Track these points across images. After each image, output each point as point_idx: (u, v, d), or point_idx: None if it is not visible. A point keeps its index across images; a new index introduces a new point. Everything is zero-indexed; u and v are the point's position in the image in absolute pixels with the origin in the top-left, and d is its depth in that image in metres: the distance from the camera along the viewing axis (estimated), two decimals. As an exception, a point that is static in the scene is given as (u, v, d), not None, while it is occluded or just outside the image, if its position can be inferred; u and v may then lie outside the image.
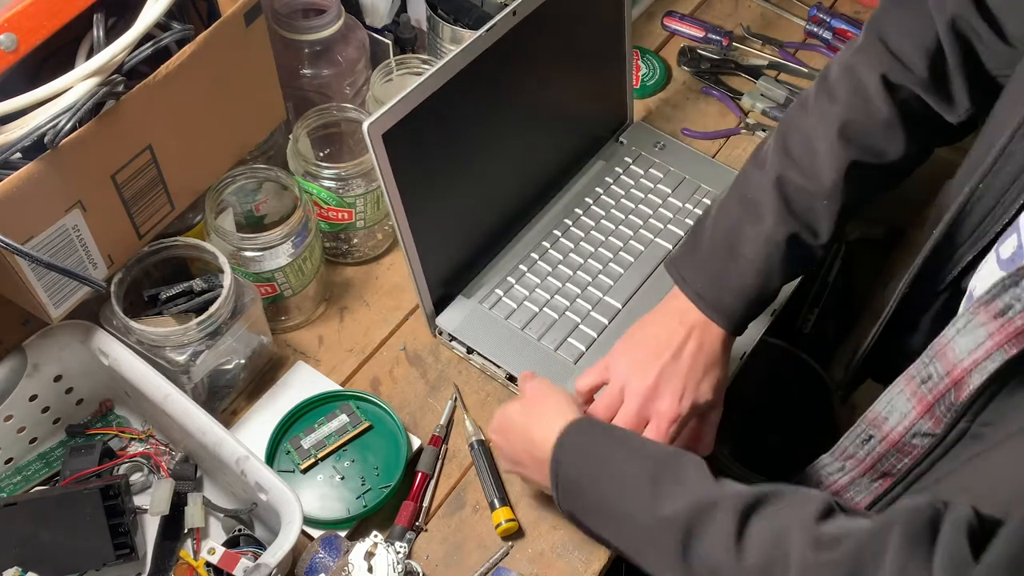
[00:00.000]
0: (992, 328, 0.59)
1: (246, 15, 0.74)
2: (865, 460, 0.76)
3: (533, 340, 0.88)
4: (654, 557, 0.64)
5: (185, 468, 0.79)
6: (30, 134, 0.63)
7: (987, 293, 0.60)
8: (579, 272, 0.93)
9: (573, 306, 0.91)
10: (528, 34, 0.85)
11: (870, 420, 0.74)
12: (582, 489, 0.69)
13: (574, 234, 0.97)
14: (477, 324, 0.89)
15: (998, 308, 0.59)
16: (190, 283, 0.80)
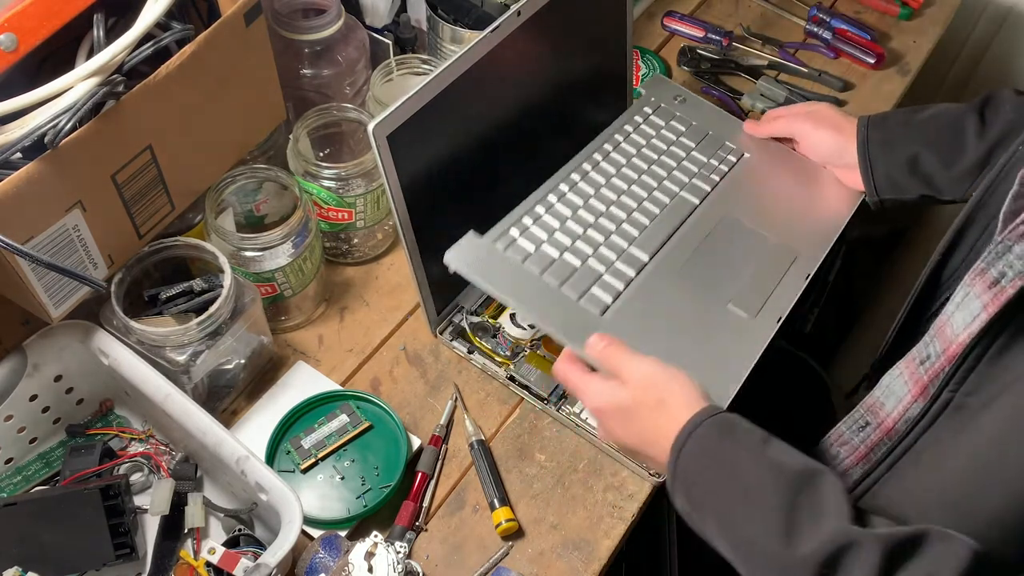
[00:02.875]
0: (986, 299, 0.59)
1: (246, 15, 0.74)
2: (859, 448, 0.76)
3: (554, 287, 0.81)
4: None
5: (185, 468, 0.79)
6: (30, 134, 0.63)
7: (982, 261, 0.60)
8: (601, 219, 0.88)
9: (596, 254, 0.85)
10: (531, 35, 0.85)
11: (868, 406, 0.74)
12: (703, 493, 0.66)
13: (595, 179, 0.92)
14: (489, 264, 0.81)
15: (992, 277, 0.59)
16: (190, 283, 0.80)
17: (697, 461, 0.65)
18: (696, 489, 0.66)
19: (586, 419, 0.84)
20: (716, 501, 0.64)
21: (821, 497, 0.60)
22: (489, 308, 0.92)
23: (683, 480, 0.66)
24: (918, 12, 1.27)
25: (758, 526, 0.60)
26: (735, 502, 0.63)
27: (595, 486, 0.82)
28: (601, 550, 0.78)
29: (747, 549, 0.62)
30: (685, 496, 0.66)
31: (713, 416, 0.66)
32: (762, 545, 0.60)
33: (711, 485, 0.65)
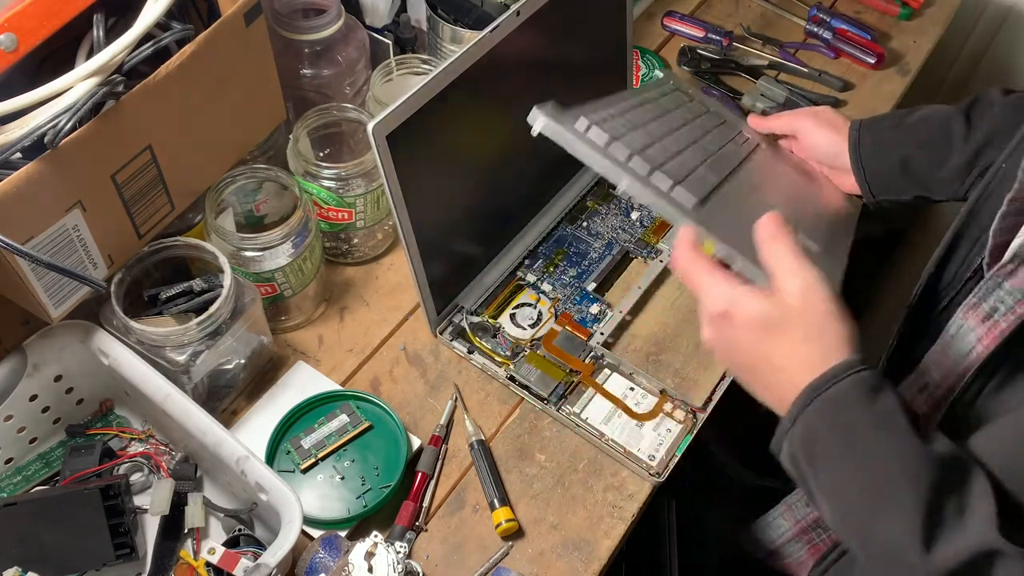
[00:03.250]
0: (981, 332, 0.59)
1: (246, 15, 0.74)
2: None
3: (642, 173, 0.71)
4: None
5: (185, 468, 0.79)
6: (30, 134, 0.63)
7: (973, 296, 0.60)
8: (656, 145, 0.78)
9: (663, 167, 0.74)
10: (530, 34, 0.85)
11: None
12: (823, 462, 0.56)
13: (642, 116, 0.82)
14: (575, 138, 0.73)
15: (984, 311, 0.59)
16: (190, 283, 0.80)
17: (825, 423, 0.55)
18: (817, 457, 0.56)
19: (586, 419, 0.84)
20: (838, 478, 0.55)
21: (969, 495, 0.52)
22: (489, 308, 0.92)
23: (800, 439, 0.56)
24: (918, 12, 1.27)
25: (890, 522, 0.52)
26: (864, 487, 0.54)
27: (595, 486, 0.82)
28: (601, 550, 0.78)
29: (868, 539, 0.54)
30: (798, 456, 0.57)
31: (858, 372, 0.55)
32: (890, 542, 0.52)
33: (836, 459, 0.55)
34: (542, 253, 0.98)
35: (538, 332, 0.91)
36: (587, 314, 0.93)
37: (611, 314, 0.92)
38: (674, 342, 0.91)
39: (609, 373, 0.88)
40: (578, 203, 1.02)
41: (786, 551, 0.91)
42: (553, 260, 0.97)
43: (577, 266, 0.97)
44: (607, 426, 0.84)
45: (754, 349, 0.59)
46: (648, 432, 0.84)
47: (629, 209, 1.02)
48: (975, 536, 0.50)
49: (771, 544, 0.92)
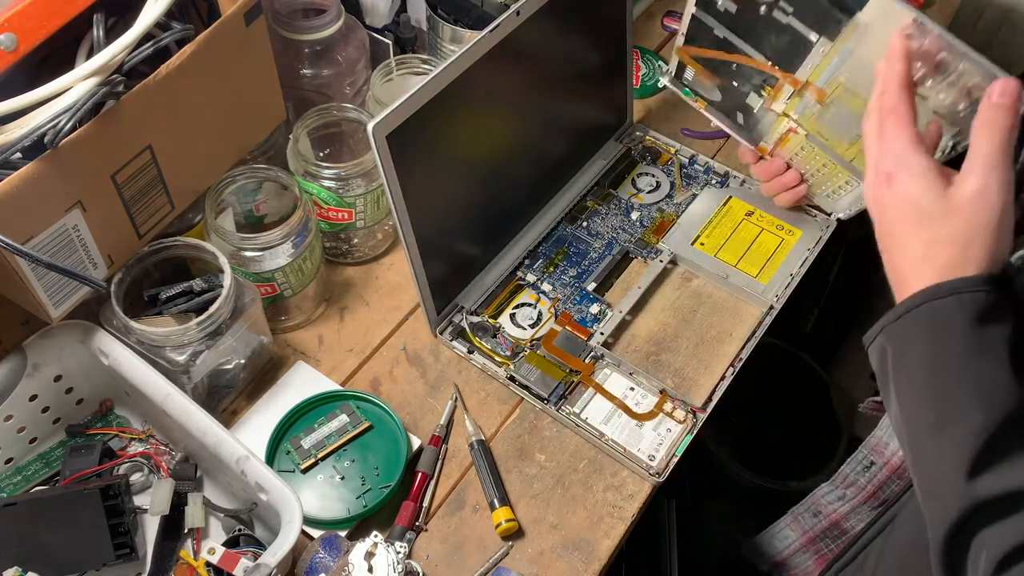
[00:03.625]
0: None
1: (246, 15, 0.74)
2: (867, 487, 0.75)
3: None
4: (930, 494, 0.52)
5: (185, 468, 0.79)
6: (30, 134, 0.63)
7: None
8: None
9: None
10: (530, 34, 0.85)
11: (872, 446, 0.73)
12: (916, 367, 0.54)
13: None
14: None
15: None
16: (190, 283, 0.80)
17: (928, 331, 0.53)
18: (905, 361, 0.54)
19: (586, 419, 0.84)
20: (919, 387, 0.53)
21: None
22: (489, 308, 0.92)
23: (899, 336, 0.54)
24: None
25: (949, 440, 0.50)
26: (939, 401, 0.52)
27: (595, 486, 0.82)
28: (601, 550, 0.78)
29: (923, 453, 0.53)
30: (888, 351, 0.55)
31: (980, 292, 0.52)
32: (940, 460, 0.51)
33: (923, 368, 0.53)
34: (542, 253, 0.98)
35: (538, 332, 0.91)
36: (587, 314, 0.93)
37: (611, 314, 0.92)
38: (674, 342, 0.91)
39: (609, 373, 0.88)
40: (578, 203, 1.02)
41: (792, 562, 0.90)
42: (553, 260, 0.97)
43: (577, 266, 0.97)
44: (607, 426, 0.84)
45: (898, 226, 0.56)
46: (648, 432, 0.84)
47: (629, 209, 1.02)
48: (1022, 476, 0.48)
49: (777, 556, 0.92)
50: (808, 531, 0.87)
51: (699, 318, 0.93)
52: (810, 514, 0.86)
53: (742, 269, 0.95)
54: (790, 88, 0.84)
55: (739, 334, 0.92)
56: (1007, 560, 0.47)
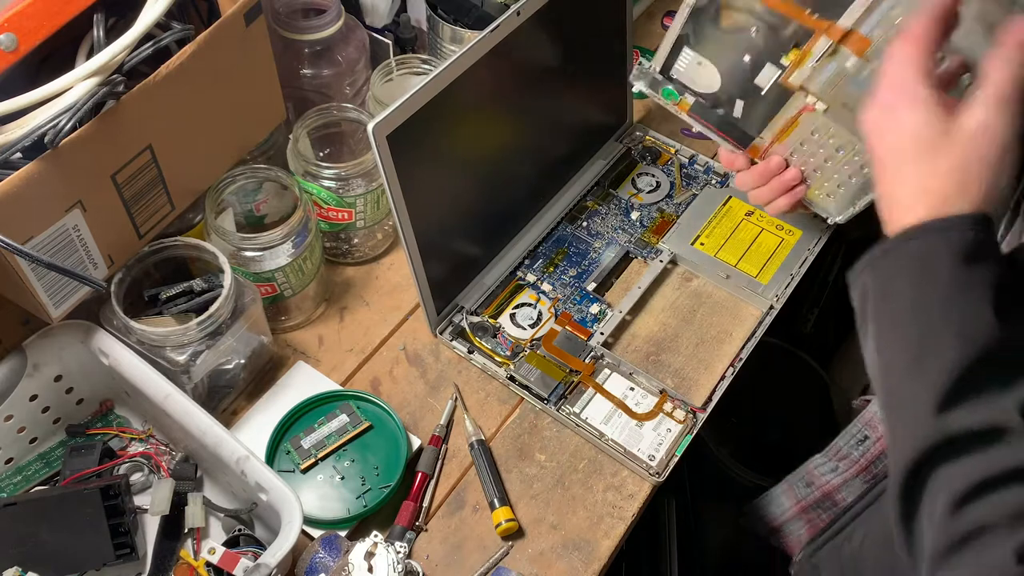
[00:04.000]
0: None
1: (246, 15, 0.74)
2: (859, 461, 0.76)
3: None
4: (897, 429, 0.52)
5: (185, 468, 0.79)
6: (30, 134, 0.63)
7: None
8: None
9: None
10: (530, 34, 0.85)
11: (866, 420, 0.74)
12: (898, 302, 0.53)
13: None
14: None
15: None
16: (190, 283, 0.80)
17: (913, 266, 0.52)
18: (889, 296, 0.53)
19: (586, 419, 0.84)
20: (900, 323, 0.52)
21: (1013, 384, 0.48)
22: (489, 308, 0.92)
23: (883, 272, 0.54)
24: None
25: (922, 374, 0.50)
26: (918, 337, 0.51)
27: (595, 486, 0.82)
28: (601, 550, 0.78)
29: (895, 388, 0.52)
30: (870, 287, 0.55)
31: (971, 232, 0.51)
32: (912, 395, 0.50)
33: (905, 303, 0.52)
34: (542, 253, 0.98)
35: (538, 332, 0.91)
36: (587, 314, 0.93)
37: (611, 314, 0.92)
38: (674, 342, 0.91)
39: (609, 373, 0.88)
40: (578, 203, 1.02)
41: (787, 529, 0.91)
42: (553, 260, 0.97)
43: (577, 266, 0.97)
44: (607, 426, 0.84)
45: (896, 157, 0.55)
46: (648, 432, 0.84)
47: (629, 209, 1.02)
48: (993, 412, 0.47)
49: (773, 521, 0.92)
50: (801, 500, 0.87)
51: (699, 318, 0.93)
52: (803, 484, 0.86)
53: (742, 269, 0.95)
54: (826, 43, 0.74)
55: (739, 334, 0.92)
56: (965, 498, 0.46)
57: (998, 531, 0.45)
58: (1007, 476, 0.46)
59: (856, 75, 0.74)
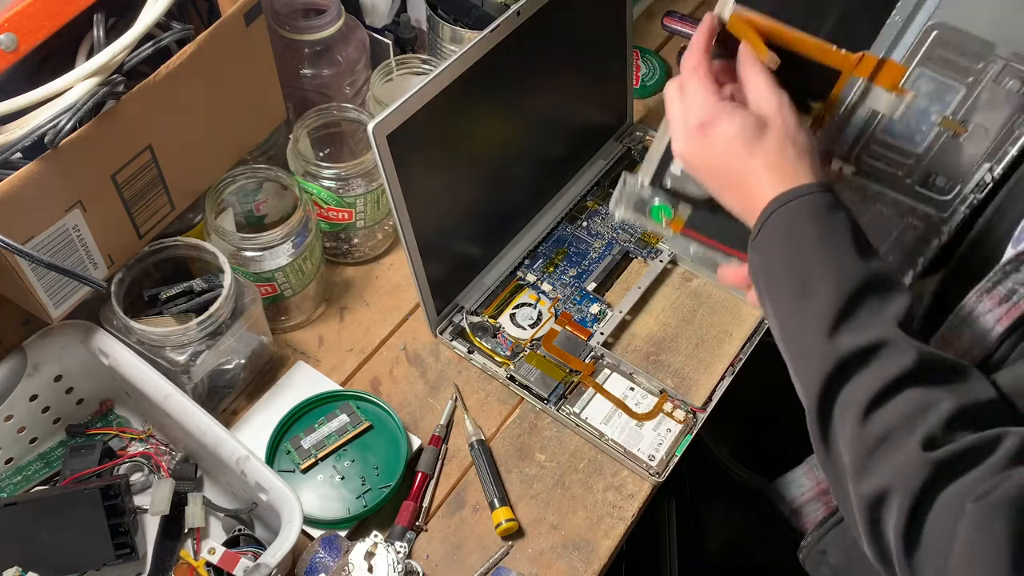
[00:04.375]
0: (999, 313, 0.59)
1: (246, 15, 0.74)
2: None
3: None
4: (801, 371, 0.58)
5: (185, 468, 0.79)
6: (30, 134, 0.63)
7: (987, 280, 0.60)
8: None
9: None
10: (530, 35, 0.85)
11: None
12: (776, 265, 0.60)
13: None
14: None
15: (1001, 294, 0.59)
16: (190, 283, 0.80)
17: (780, 234, 0.59)
18: (767, 265, 0.60)
19: (586, 419, 0.84)
20: (781, 282, 0.59)
21: (888, 301, 0.55)
22: (489, 308, 0.92)
23: (759, 248, 0.61)
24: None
25: (808, 313, 0.56)
26: (797, 288, 0.58)
27: (595, 486, 0.82)
28: (601, 550, 0.78)
29: (791, 335, 0.59)
30: (756, 264, 0.62)
31: (816, 193, 0.59)
32: (803, 332, 0.57)
33: (781, 264, 0.59)
34: (542, 253, 0.98)
35: (538, 332, 0.91)
36: (587, 314, 0.93)
37: (611, 314, 0.92)
38: (674, 342, 0.91)
39: (609, 373, 0.88)
40: (578, 203, 1.02)
41: (806, 510, 0.92)
42: (553, 260, 0.97)
43: (577, 266, 0.97)
44: (607, 426, 0.84)
45: (731, 159, 0.62)
46: (648, 432, 0.84)
47: (629, 209, 1.02)
48: (876, 330, 0.54)
49: (793, 502, 0.93)
50: (821, 482, 0.88)
51: (699, 318, 0.93)
52: (804, 482, 0.87)
53: (742, 269, 0.95)
54: (856, 83, 0.66)
55: (739, 334, 0.92)
56: (867, 410, 0.52)
57: (899, 431, 0.51)
58: (897, 382, 0.52)
59: (891, 118, 0.66)
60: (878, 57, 0.65)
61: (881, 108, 0.66)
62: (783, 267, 0.59)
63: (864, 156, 0.68)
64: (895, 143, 0.67)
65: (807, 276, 0.57)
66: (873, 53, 0.65)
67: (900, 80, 0.65)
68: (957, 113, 0.65)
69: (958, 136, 0.66)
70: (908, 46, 0.64)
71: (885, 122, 0.67)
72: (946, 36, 0.63)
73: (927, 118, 0.66)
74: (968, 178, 0.67)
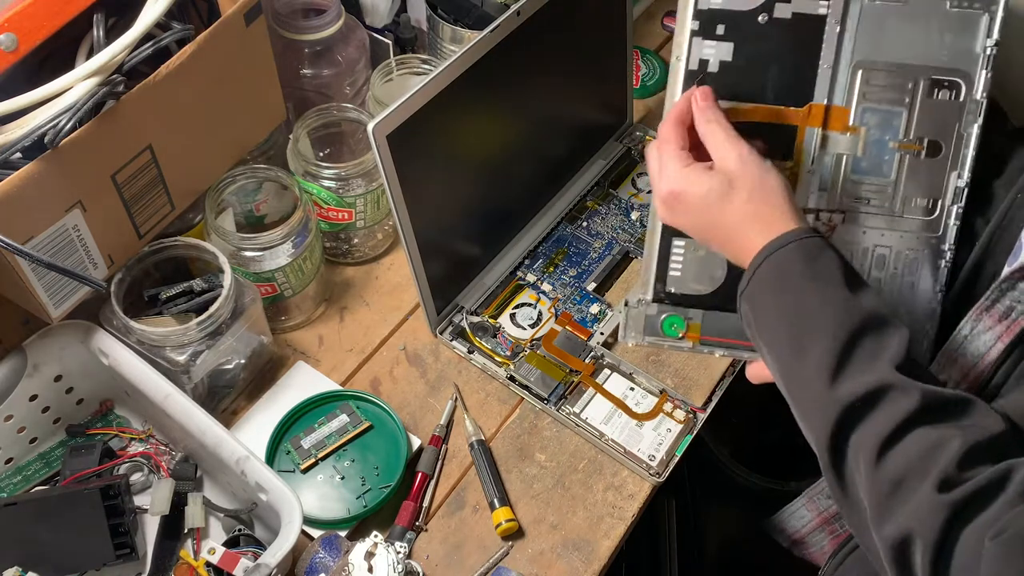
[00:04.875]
0: (1000, 330, 0.60)
1: (246, 15, 0.74)
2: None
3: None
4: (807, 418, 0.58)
5: (185, 468, 0.79)
6: (30, 134, 0.63)
7: (986, 299, 0.61)
8: None
9: None
10: (531, 35, 0.85)
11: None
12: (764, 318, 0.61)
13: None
14: None
15: (1000, 311, 0.60)
16: (190, 283, 0.80)
17: (770, 282, 0.60)
18: (760, 310, 0.61)
19: (586, 419, 0.84)
20: (776, 327, 0.60)
21: (885, 342, 0.56)
22: (489, 308, 0.92)
23: (750, 296, 0.61)
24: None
25: (809, 360, 0.57)
26: (794, 333, 0.59)
27: (595, 486, 0.82)
28: (601, 550, 0.78)
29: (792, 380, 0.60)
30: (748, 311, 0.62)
31: (804, 239, 0.60)
32: (806, 380, 0.57)
33: (775, 310, 0.60)
34: (542, 253, 0.98)
35: (538, 332, 0.91)
36: (587, 314, 0.93)
37: (611, 314, 0.92)
38: (674, 342, 0.91)
39: (609, 373, 0.88)
40: (578, 203, 1.02)
41: (810, 541, 0.92)
42: (553, 260, 0.97)
43: (577, 266, 0.97)
44: (607, 426, 0.84)
45: (709, 219, 0.63)
46: (648, 432, 0.84)
47: (629, 209, 1.02)
48: (875, 375, 0.54)
49: (795, 534, 0.93)
50: (823, 512, 0.88)
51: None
52: (824, 496, 0.87)
53: (742, 269, 0.95)
54: (811, 133, 0.69)
55: (739, 334, 0.92)
56: (878, 456, 0.53)
57: (913, 474, 0.51)
58: (905, 424, 0.52)
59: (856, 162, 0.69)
60: (823, 104, 0.68)
61: (842, 150, 0.69)
62: (776, 317, 0.60)
63: (845, 200, 0.70)
64: (867, 179, 0.70)
65: (801, 326, 0.58)
66: (817, 102, 0.68)
67: (848, 120, 0.68)
68: (908, 134, 0.68)
69: (919, 155, 0.69)
70: (844, 87, 0.68)
71: (851, 162, 0.69)
72: (871, 69, 0.67)
73: (885, 147, 0.69)
74: (944, 191, 0.69)
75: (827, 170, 0.69)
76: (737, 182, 0.61)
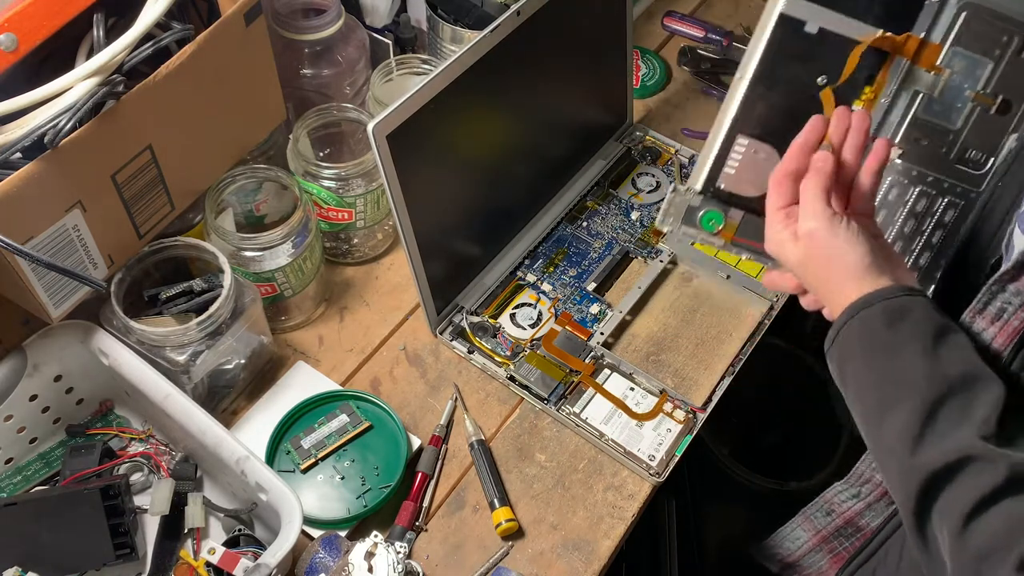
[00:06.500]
0: (994, 331, 0.61)
1: (246, 15, 0.74)
2: (882, 484, 0.76)
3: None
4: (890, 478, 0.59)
5: (185, 468, 0.79)
6: (30, 134, 0.63)
7: (978, 302, 0.62)
8: None
9: None
10: (531, 35, 0.85)
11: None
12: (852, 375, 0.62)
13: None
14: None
15: (992, 313, 0.61)
16: (190, 283, 0.80)
17: (857, 339, 0.61)
18: (848, 366, 0.62)
19: (586, 419, 0.84)
20: (863, 386, 0.61)
21: (970, 408, 0.56)
22: (489, 308, 0.92)
23: (839, 348, 0.63)
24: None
25: (893, 426, 0.58)
26: (879, 396, 0.60)
27: (595, 486, 0.82)
28: (601, 550, 0.78)
29: (878, 440, 0.60)
30: (836, 362, 0.64)
31: (888, 300, 0.60)
32: (890, 445, 0.58)
33: (862, 370, 0.61)
34: (542, 253, 0.98)
35: (538, 332, 0.91)
36: (587, 314, 0.93)
37: (611, 314, 0.92)
38: (674, 342, 0.91)
39: (609, 373, 0.88)
40: (578, 203, 1.02)
41: (805, 562, 0.91)
42: (553, 260, 0.97)
43: (577, 266, 0.97)
44: (607, 426, 0.84)
45: (824, 267, 0.64)
46: (648, 432, 0.84)
47: (629, 209, 1.02)
48: (957, 443, 0.54)
49: (789, 557, 0.92)
50: (821, 530, 0.87)
51: (699, 318, 0.93)
52: (822, 513, 0.86)
53: (742, 269, 0.95)
54: (898, 64, 0.68)
55: (739, 334, 0.92)
56: (962, 527, 0.52)
57: (997, 551, 0.51)
58: (987, 499, 0.52)
59: (931, 95, 0.69)
60: (920, 37, 0.67)
61: (922, 87, 0.69)
62: (863, 375, 0.61)
63: (908, 137, 0.71)
64: (934, 121, 0.70)
65: (882, 389, 0.59)
66: (915, 34, 0.68)
67: (938, 59, 0.68)
68: (987, 87, 0.68)
69: (990, 109, 0.69)
70: (944, 25, 0.67)
71: (926, 101, 0.69)
72: (976, 14, 0.66)
73: (961, 95, 0.69)
74: (999, 150, 0.69)
75: (900, 104, 0.70)
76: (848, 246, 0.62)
